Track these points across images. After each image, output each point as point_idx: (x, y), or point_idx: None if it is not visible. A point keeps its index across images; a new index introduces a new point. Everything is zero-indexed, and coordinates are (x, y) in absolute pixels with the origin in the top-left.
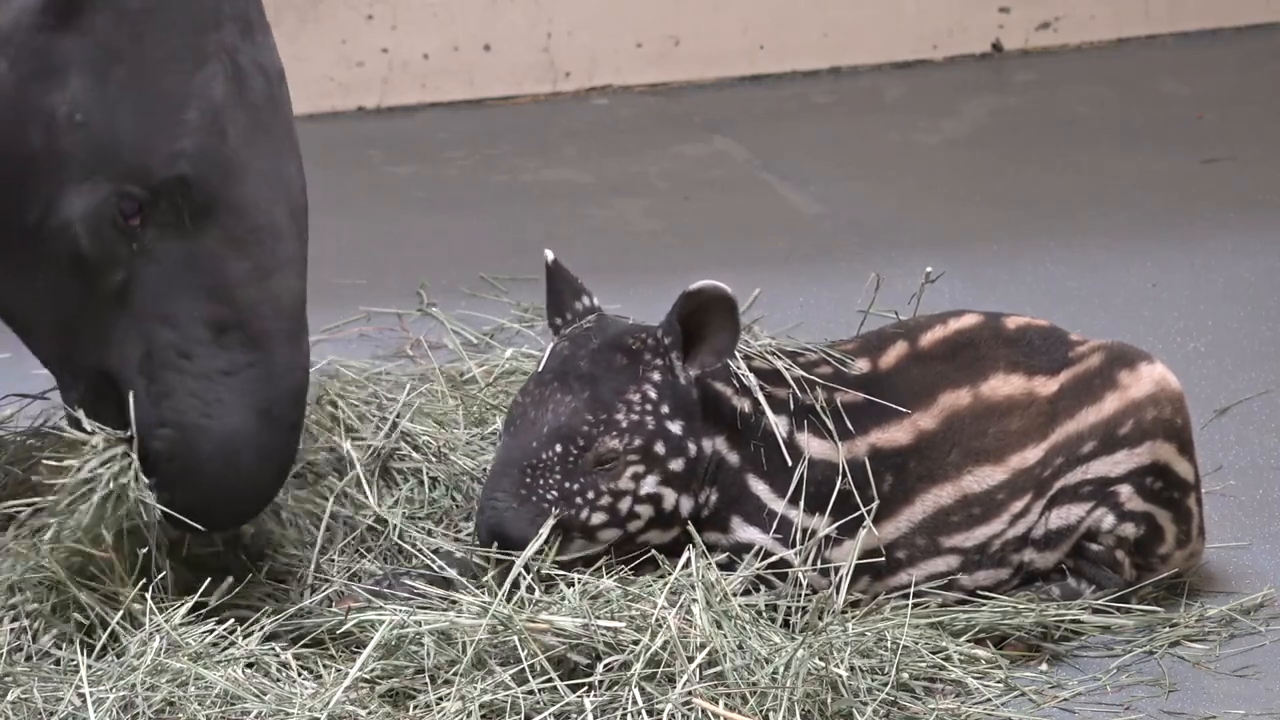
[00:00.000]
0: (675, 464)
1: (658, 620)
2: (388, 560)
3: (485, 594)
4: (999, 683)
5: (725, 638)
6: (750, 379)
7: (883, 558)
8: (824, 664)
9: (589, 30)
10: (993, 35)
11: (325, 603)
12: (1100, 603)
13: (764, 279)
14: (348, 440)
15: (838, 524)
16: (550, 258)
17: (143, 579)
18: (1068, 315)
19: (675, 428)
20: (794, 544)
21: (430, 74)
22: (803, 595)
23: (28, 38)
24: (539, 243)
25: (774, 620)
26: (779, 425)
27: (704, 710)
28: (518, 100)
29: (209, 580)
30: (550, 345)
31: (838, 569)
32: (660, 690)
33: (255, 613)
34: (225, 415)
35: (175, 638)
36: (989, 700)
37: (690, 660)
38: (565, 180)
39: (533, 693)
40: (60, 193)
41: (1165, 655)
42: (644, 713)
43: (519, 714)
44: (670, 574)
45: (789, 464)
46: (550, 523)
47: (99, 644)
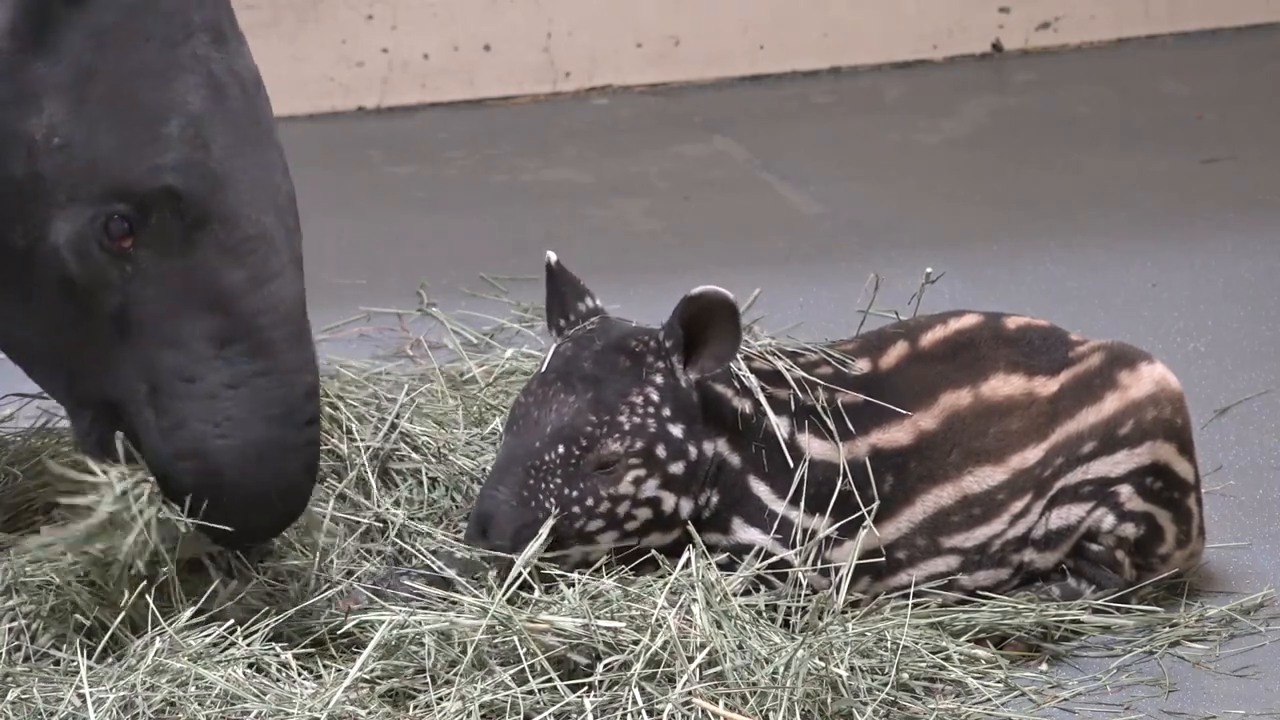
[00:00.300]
0: (675, 467)
1: (658, 620)
2: (386, 561)
3: (485, 594)
4: (999, 683)
5: (725, 638)
6: (751, 380)
7: (883, 558)
8: (824, 664)
9: (589, 30)
10: (993, 35)
11: (326, 603)
12: (1100, 603)
13: (764, 279)
14: (346, 441)
15: (838, 524)
16: (552, 259)
17: (146, 581)
18: (1068, 315)
19: (677, 431)
20: (794, 545)
21: (430, 74)
22: (803, 595)
23: (2, 64)
24: (539, 243)
25: (774, 620)
26: (780, 426)
27: (704, 710)
28: (518, 100)
29: (216, 582)
30: (553, 346)
31: (838, 569)
32: (660, 690)
33: (255, 613)
34: (240, 431)
35: (175, 639)
36: (989, 700)
37: (690, 660)
38: (565, 180)
39: (533, 693)
40: (46, 218)
41: (1165, 655)
42: (644, 713)
43: (519, 714)
44: (670, 574)
45: (790, 465)
46: (549, 523)
47: (100, 645)
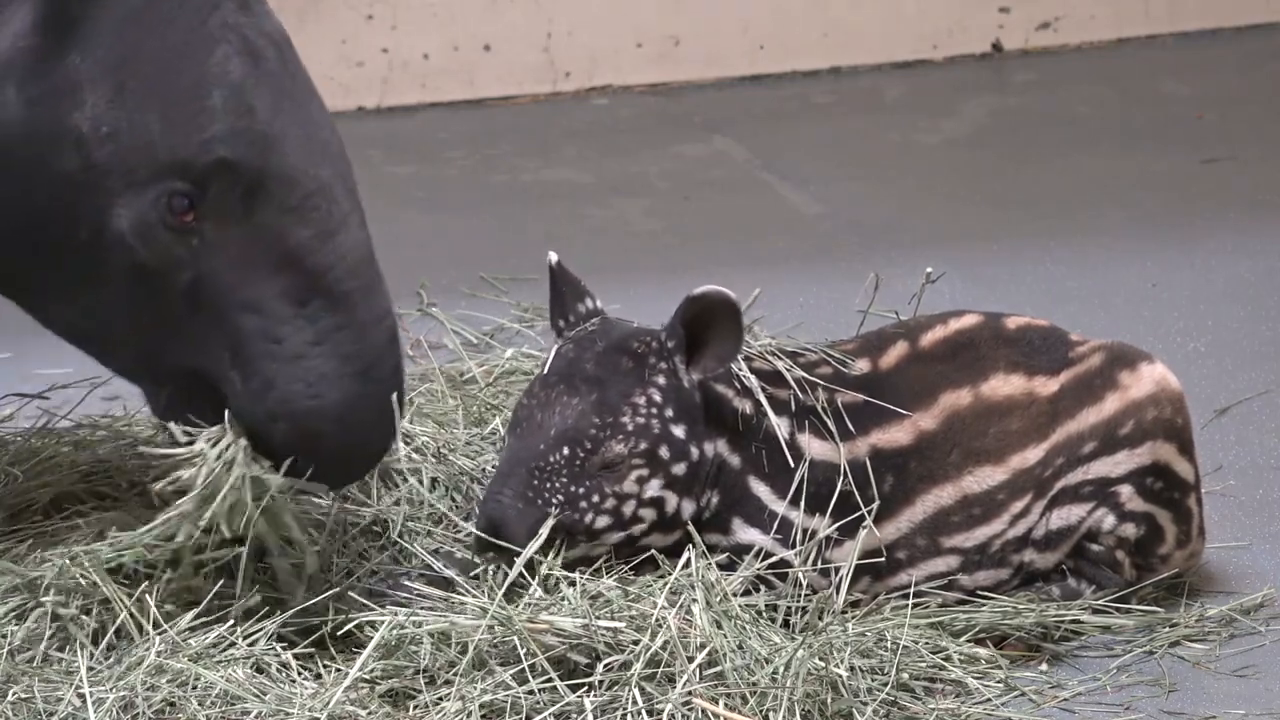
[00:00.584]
0: (678, 468)
1: (658, 620)
2: (386, 561)
3: (485, 594)
4: (999, 683)
5: (725, 638)
6: (752, 381)
7: (883, 558)
8: (824, 664)
9: (589, 30)
10: (993, 35)
11: (325, 604)
12: (1100, 603)
13: (764, 279)
14: None
15: (838, 525)
16: (554, 260)
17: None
18: (1068, 315)
19: (679, 431)
20: (795, 545)
21: (430, 74)
22: (803, 595)
23: (30, 62)
24: (539, 243)
25: (774, 620)
26: (780, 426)
27: (704, 710)
28: (518, 100)
29: (223, 584)
30: (554, 348)
31: (838, 569)
32: (660, 690)
33: (256, 613)
34: (330, 387)
35: (175, 639)
36: (989, 700)
37: (690, 660)
38: (565, 180)
39: (533, 693)
40: (106, 207)
41: (1165, 655)
42: (644, 713)
43: (519, 714)
44: (670, 574)
45: (790, 465)
46: (550, 523)
47: (103, 643)
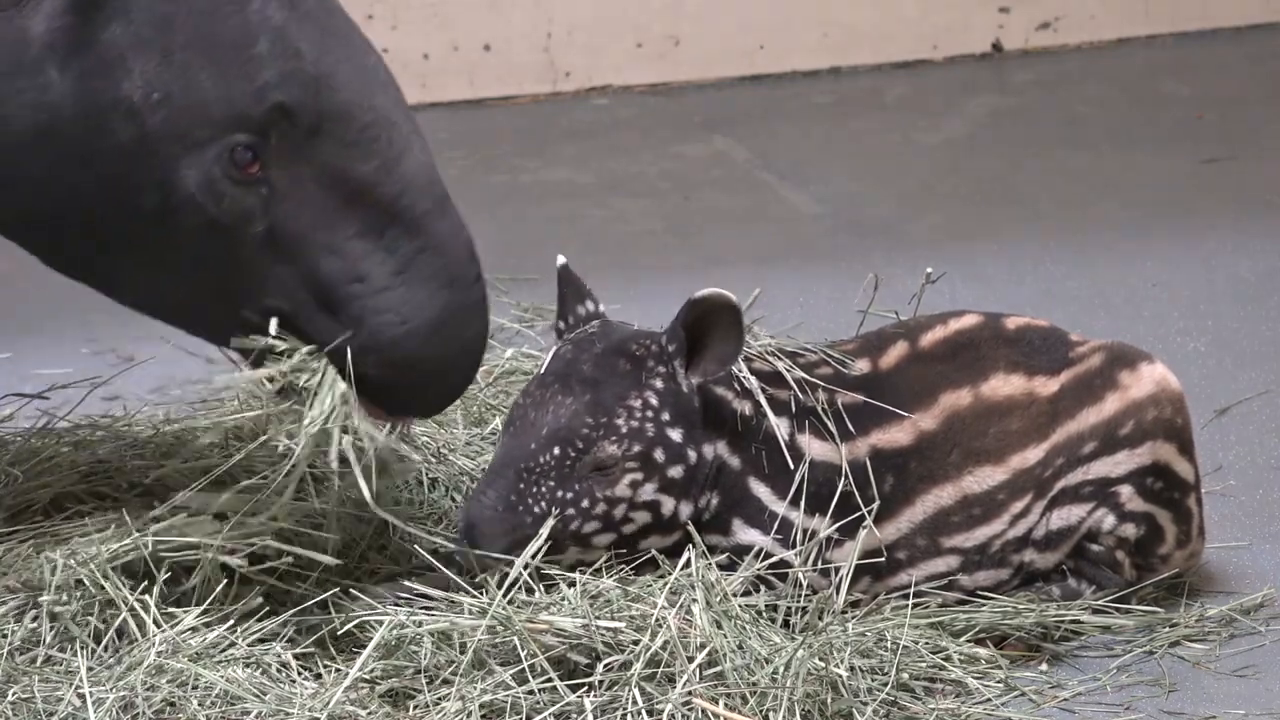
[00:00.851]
0: (674, 471)
1: (658, 620)
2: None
3: (485, 595)
4: (999, 683)
5: (725, 638)
6: (752, 382)
7: (883, 558)
8: (824, 664)
9: (589, 30)
10: (993, 35)
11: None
12: (1100, 603)
13: (764, 279)
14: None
15: (838, 525)
16: (561, 262)
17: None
18: (1068, 315)
19: (675, 435)
20: (795, 545)
21: (430, 74)
22: (803, 596)
23: (68, 39)
24: (539, 243)
25: (774, 620)
26: (780, 427)
27: (704, 710)
28: (518, 100)
29: (225, 584)
30: (553, 349)
31: (838, 569)
32: (660, 690)
33: (256, 613)
34: (420, 311)
35: (175, 639)
36: (989, 700)
37: (690, 660)
38: (565, 180)
39: (533, 693)
40: (170, 172)
41: (1165, 655)
42: (644, 713)
43: (519, 714)
44: (670, 574)
45: (790, 466)
46: (549, 523)
47: (104, 642)
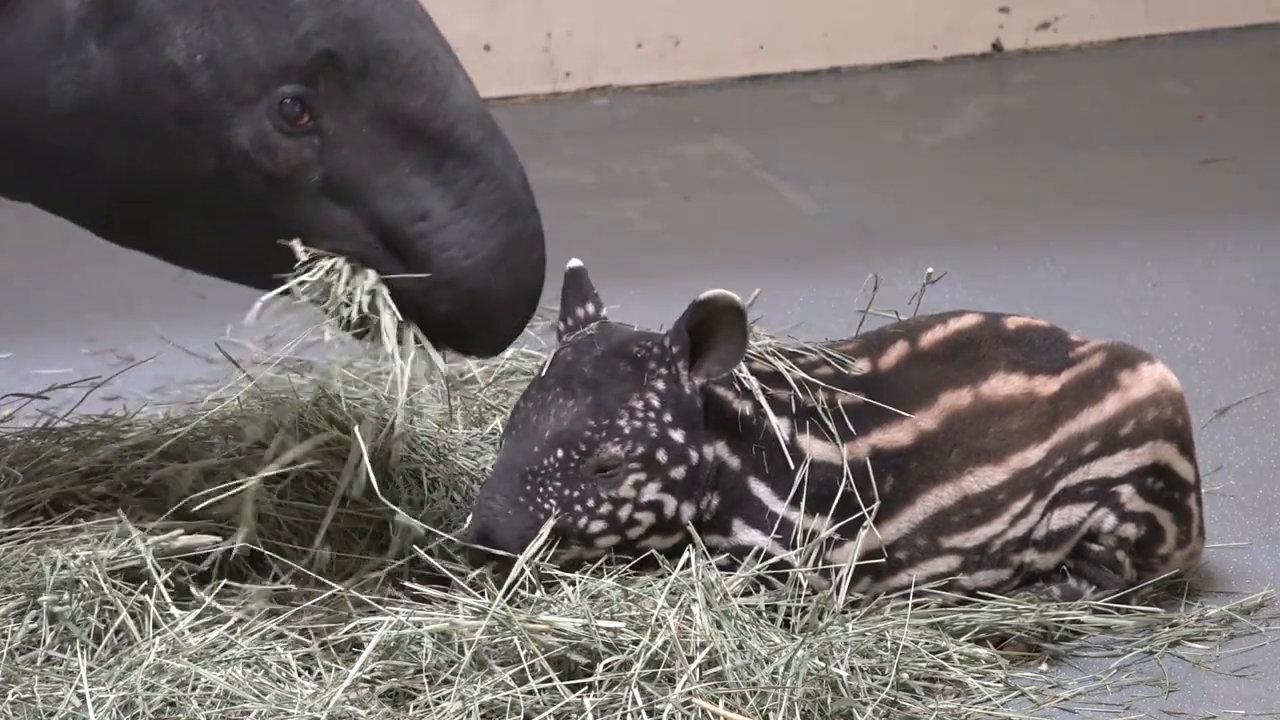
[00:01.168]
0: (677, 472)
1: (658, 620)
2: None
3: (485, 595)
4: (999, 683)
5: (725, 638)
6: (753, 382)
7: (883, 558)
8: (824, 664)
9: (589, 30)
10: (993, 35)
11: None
12: (1100, 603)
13: (764, 279)
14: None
15: (839, 525)
16: (572, 265)
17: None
18: (1068, 315)
19: (678, 436)
20: (795, 546)
21: None
22: (803, 596)
23: (105, 13)
24: None
25: (774, 620)
26: (780, 427)
27: (704, 710)
28: (518, 100)
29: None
30: (553, 351)
31: (838, 570)
32: (660, 690)
33: (255, 613)
34: (480, 243)
35: (176, 639)
36: (989, 700)
37: (690, 660)
38: (565, 180)
39: (533, 693)
40: (222, 131)
41: (1165, 655)
42: (644, 713)
43: (519, 714)
44: (670, 574)
45: (790, 466)
46: (550, 523)
47: (104, 642)
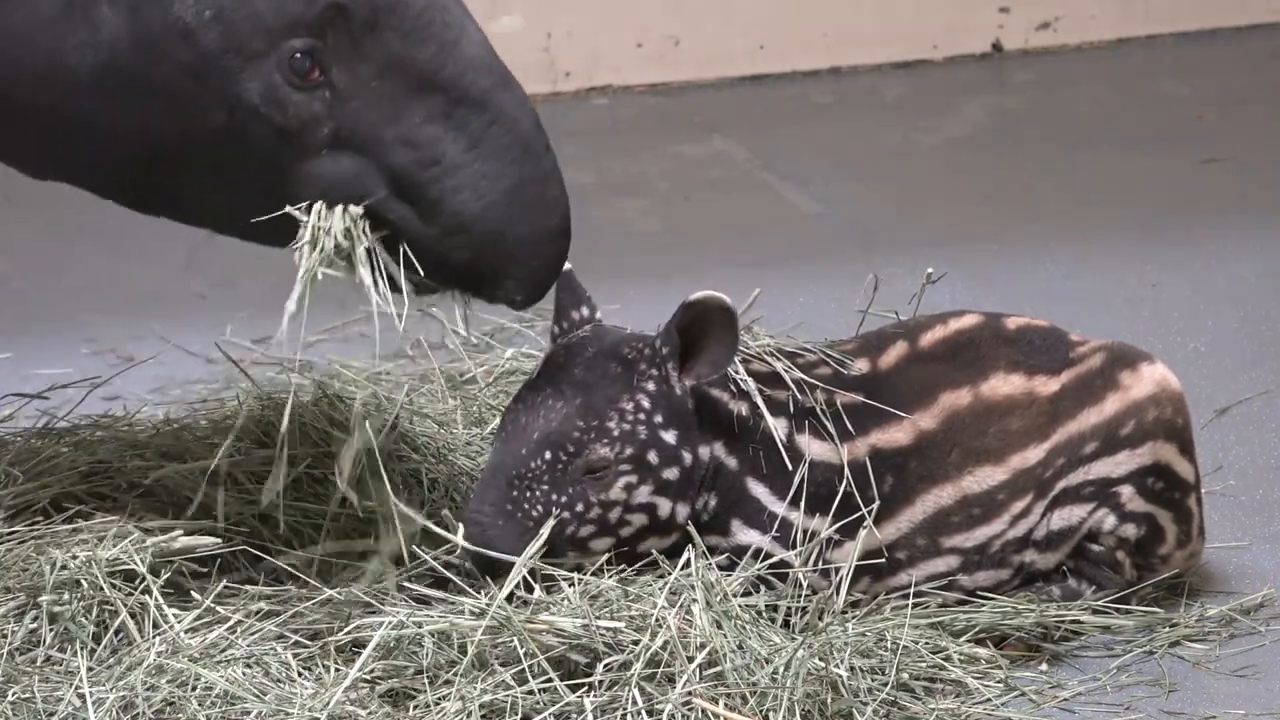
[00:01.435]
0: (669, 473)
1: (658, 620)
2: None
3: (484, 595)
4: (999, 683)
5: (725, 638)
6: (749, 384)
7: (883, 558)
8: (824, 664)
9: (589, 30)
10: (993, 35)
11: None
12: (1100, 603)
13: (764, 279)
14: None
15: (838, 525)
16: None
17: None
18: (1068, 315)
19: (669, 437)
20: (794, 545)
21: None
22: (803, 596)
23: None
24: None
25: (774, 620)
26: (778, 427)
27: (704, 710)
28: None
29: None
30: (546, 354)
31: (838, 570)
32: (660, 690)
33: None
34: (493, 185)
35: (176, 639)
36: (989, 700)
37: (690, 660)
38: (565, 180)
39: (533, 693)
40: (232, 87)
41: (1165, 655)
42: (644, 713)
43: (518, 714)
44: (670, 574)
45: (789, 466)
46: (551, 523)
47: (104, 642)
